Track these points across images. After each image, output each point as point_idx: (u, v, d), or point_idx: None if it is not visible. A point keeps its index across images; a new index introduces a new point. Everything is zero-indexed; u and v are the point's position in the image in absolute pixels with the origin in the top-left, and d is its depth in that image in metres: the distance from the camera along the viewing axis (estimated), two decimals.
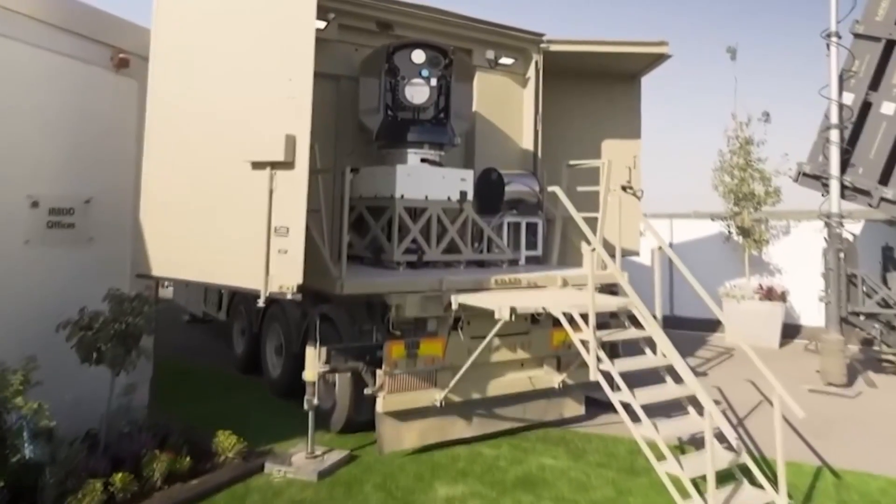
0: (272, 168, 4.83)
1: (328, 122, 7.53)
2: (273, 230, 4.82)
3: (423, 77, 7.02)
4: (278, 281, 4.79)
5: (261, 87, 5.02)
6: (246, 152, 4.87)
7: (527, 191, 7.95)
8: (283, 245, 4.79)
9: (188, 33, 5.45)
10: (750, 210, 11.48)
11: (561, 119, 9.04)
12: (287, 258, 4.78)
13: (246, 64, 5.14)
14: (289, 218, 4.78)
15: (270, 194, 4.81)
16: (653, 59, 8.77)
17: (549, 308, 5.60)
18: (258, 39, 5.14)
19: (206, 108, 5.19)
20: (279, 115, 4.85)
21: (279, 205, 4.81)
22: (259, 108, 5.01)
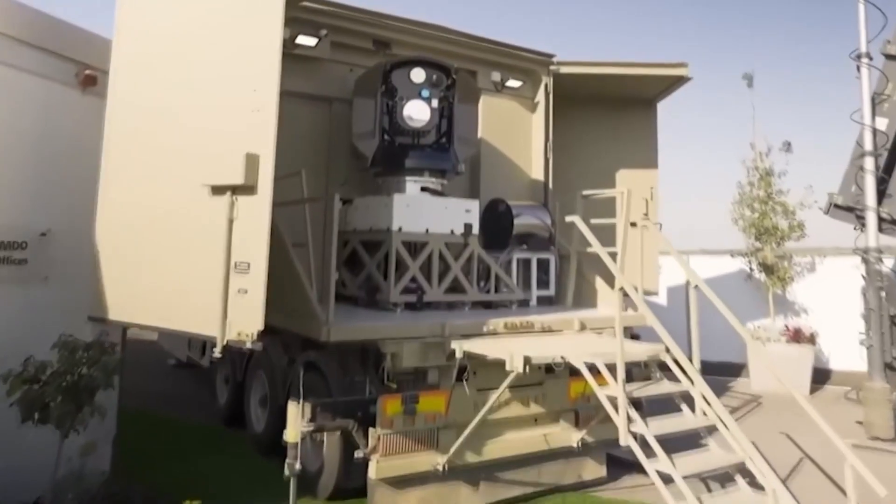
0: (233, 193, 4.12)
1: (319, 147, 6.89)
2: (232, 266, 4.09)
3: (423, 97, 6.38)
4: (236, 327, 4.05)
5: (223, 101, 4.36)
6: (203, 175, 4.19)
7: (538, 224, 7.24)
8: (242, 284, 4.06)
9: (150, 45, 4.81)
10: (772, 245, 10.74)
11: (572, 147, 8.39)
12: (247, 300, 4.04)
13: (209, 76, 4.49)
14: (250, 252, 4.05)
15: (230, 224, 4.09)
16: (671, 82, 8.16)
17: (569, 358, 4.82)
18: (223, 48, 4.50)
19: (167, 127, 4.52)
20: (241, 131, 4.18)
21: (240, 236, 4.09)
22: (220, 124, 4.33)
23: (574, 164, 8.32)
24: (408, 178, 6.44)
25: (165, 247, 4.32)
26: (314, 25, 6.53)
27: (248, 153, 4.00)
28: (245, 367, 7.34)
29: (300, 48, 6.58)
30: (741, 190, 11.23)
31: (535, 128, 8.07)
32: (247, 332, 3.99)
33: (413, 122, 6.35)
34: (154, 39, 4.79)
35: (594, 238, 5.43)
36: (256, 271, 3.99)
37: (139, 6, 4.91)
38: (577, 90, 8.19)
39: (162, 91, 4.63)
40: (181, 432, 7.77)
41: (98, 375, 4.74)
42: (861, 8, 8.33)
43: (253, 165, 4.01)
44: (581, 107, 8.48)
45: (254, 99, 4.11)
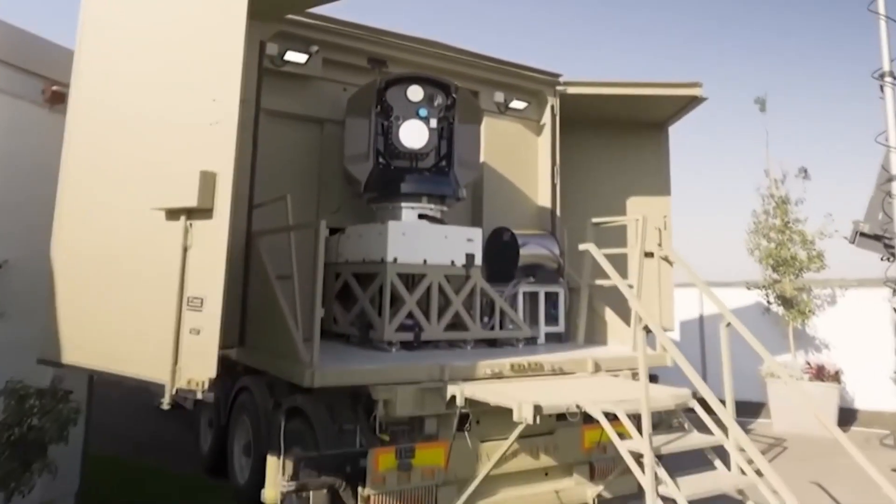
0: (188, 218, 3.57)
1: (309, 172, 6.40)
2: (185, 302, 3.53)
3: (420, 117, 5.90)
4: (187, 373, 3.48)
5: (182, 115, 3.84)
6: (156, 198, 3.65)
7: (545, 254, 6.69)
8: (196, 322, 3.49)
9: (111, 58, 4.32)
10: (791, 277, 10.17)
11: (579, 172, 7.91)
12: (199, 342, 3.47)
13: (169, 89, 3.98)
14: (204, 285, 3.49)
15: (184, 253, 3.53)
16: (684, 102, 7.69)
17: (585, 406, 4.22)
18: (183, 58, 4.01)
19: (123, 146, 4.00)
20: (196, 145, 3.67)
21: (194, 267, 3.53)
22: (177, 140, 3.82)
23: (582, 190, 7.85)
24: (404, 204, 5.92)
25: (119, 280, 3.77)
26: (304, 41, 6.09)
27: (203, 171, 3.46)
28: (229, 410, 6.73)
29: (289, 65, 6.13)
30: (756, 219, 10.70)
31: (541, 152, 7.58)
32: (198, 379, 3.40)
33: (410, 143, 5.86)
34: (114, 52, 4.31)
35: (611, 268, 4.88)
36: (211, 308, 3.42)
37: (102, 17, 4.43)
38: (585, 112, 7.74)
39: (120, 106, 4.13)
40: (158, 483, 7.10)
41: (51, 427, 4.18)
42: (882, 25, 7.90)
43: (208, 185, 3.47)
44: (589, 130, 8.03)
45: (213, 110, 3.59)
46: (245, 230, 5.57)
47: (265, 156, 5.92)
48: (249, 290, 5.51)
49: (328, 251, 6.46)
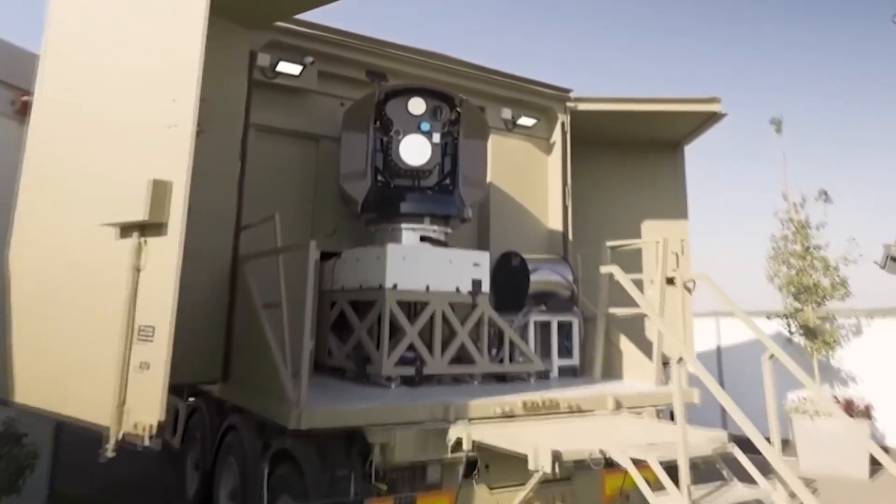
0: (141, 234, 3.08)
1: (304, 191, 5.95)
2: (135, 331, 3.02)
3: (423, 132, 5.46)
4: (135, 415, 2.95)
5: (139, 118, 3.39)
6: (105, 211, 3.17)
7: (558, 281, 6.19)
8: (145, 355, 2.99)
9: (73, 62, 3.89)
10: (813, 305, 9.62)
11: (590, 194, 7.46)
12: (148, 379, 2.96)
13: (129, 90, 3.54)
14: (155, 311, 2.98)
15: (135, 274, 3.03)
16: (702, 119, 7.27)
17: (611, 452, 3.68)
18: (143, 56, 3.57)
19: (80, 155, 3.53)
20: (150, 151, 3.22)
21: (146, 291, 3.03)
22: (132, 146, 3.35)
23: (593, 213, 7.40)
24: (404, 225, 5.45)
25: (66, 306, 3.28)
26: (298, 51, 5.69)
27: (154, 179, 2.98)
28: (216, 452, 6.17)
29: (282, 77, 5.72)
30: (775, 244, 10.19)
31: (552, 171, 7.14)
32: (144, 423, 2.88)
33: (411, 160, 5.41)
34: (75, 56, 3.88)
35: (640, 294, 4.38)
36: (160, 339, 2.91)
37: (66, 20, 4.02)
38: (597, 130, 7.33)
39: (78, 113, 3.69)
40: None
41: None
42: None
43: (161, 196, 2.99)
44: (601, 149, 7.61)
45: (172, 112, 3.13)
46: (231, 254, 5.12)
47: (255, 174, 5.51)
48: (235, 320, 5.05)
49: (323, 277, 5.99)
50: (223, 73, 5.18)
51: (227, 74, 5.20)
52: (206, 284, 4.96)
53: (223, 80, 5.17)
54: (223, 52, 5.19)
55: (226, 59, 5.20)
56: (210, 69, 5.23)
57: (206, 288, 4.96)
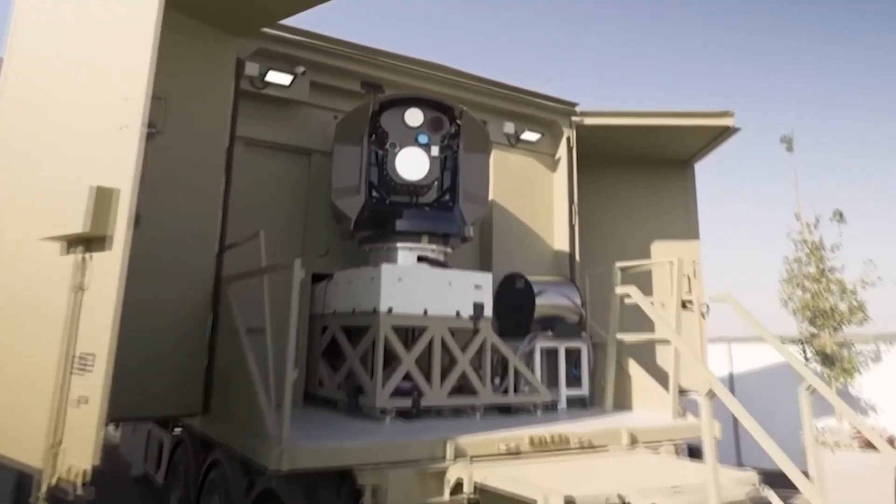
0: (85, 249, 2.69)
1: (295, 209, 5.59)
2: (73, 360, 2.60)
3: (420, 144, 5.12)
4: (70, 457, 2.52)
5: (91, 121, 3.02)
6: (46, 223, 2.79)
7: (565, 304, 5.79)
8: (83, 388, 2.56)
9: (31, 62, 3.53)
10: (830, 330, 9.19)
11: (596, 213, 7.10)
12: (84, 416, 2.52)
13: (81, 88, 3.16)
14: (95, 338, 2.57)
15: (77, 295, 2.63)
16: (714, 134, 6.92)
17: (630, 497, 3.25)
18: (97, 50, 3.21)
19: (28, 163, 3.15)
20: (97, 156, 2.84)
21: (89, 314, 2.62)
22: (78, 150, 2.97)
23: (600, 233, 7.05)
24: (400, 244, 5.07)
25: (5, 333, 2.86)
26: (289, 60, 5.37)
27: (98, 186, 2.58)
28: (199, 489, 5.72)
29: (271, 87, 5.39)
30: (789, 266, 9.79)
31: (557, 189, 6.78)
32: (78, 467, 2.45)
33: (408, 174, 5.06)
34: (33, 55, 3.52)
35: (662, 318, 3.98)
36: (100, 369, 2.48)
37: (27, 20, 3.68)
38: (604, 146, 7.00)
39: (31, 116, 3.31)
40: None
41: None
42: None
43: (104, 205, 2.58)
44: (607, 166, 7.28)
45: (123, 112, 2.75)
46: (213, 275, 4.74)
47: (242, 190, 5.16)
48: (218, 347, 4.65)
49: (314, 301, 5.61)
50: (208, 82, 4.86)
51: (213, 84, 4.87)
52: (185, 308, 4.59)
53: (208, 90, 4.85)
54: (208, 60, 4.88)
55: (211, 67, 4.88)
56: (194, 78, 4.95)
57: (185, 312, 4.59)
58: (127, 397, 4.30)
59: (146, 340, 4.39)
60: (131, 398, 4.28)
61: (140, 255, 4.43)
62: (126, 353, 4.25)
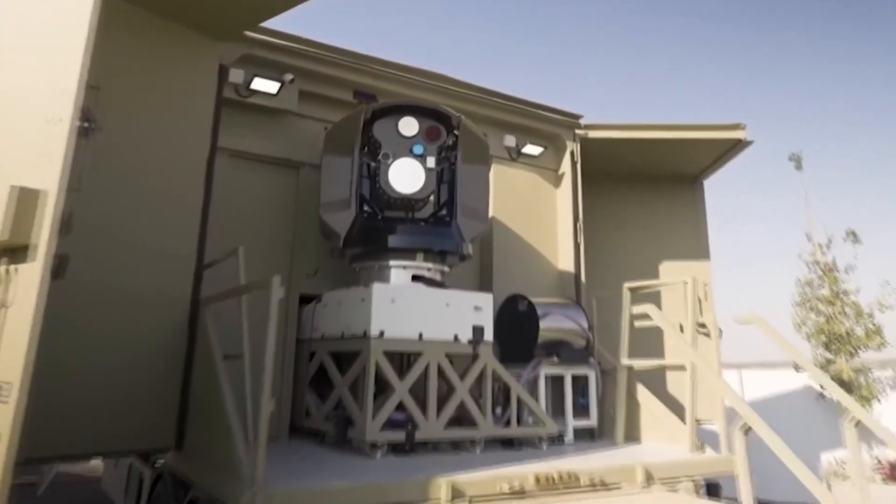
0: (9, 260, 2.30)
1: (282, 226, 5.24)
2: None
3: (415, 155, 4.77)
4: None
5: (17, 113, 2.65)
6: None
7: (571, 328, 5.39)
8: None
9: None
10: (846, 356, 8.80)
11: (601, 232, 6.73)
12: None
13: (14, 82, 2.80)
14: (11, 363, 2.17)
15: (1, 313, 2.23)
16: (725, 147, 6.59)
17: None
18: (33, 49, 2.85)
19: None
20: (20, 153, 2.46)
21: (8, 337, 2.22)
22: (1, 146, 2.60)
23: (605, 252, 6.67)
24: (393, 262, 4.69)
25: None
26: (276, 67, 5.04)
27: (20, 187, 2.20)
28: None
29: (257, 96, 5.06)
30: (801, 289, 9.43)
31: (561, 205, 6.42)
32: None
33: (402, 187, 4.70)
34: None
35: (685, 343, 3.59)
36: (13, 400, 2.07)
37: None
38: (609, 161, 6.66)
39: None
40: None
41: None
42: None
43: (28, 208, 2.19)
44: (613, 183, 6.95)
45: (55, 106, 2.38)
46: (190, 296, 4.36)
47: (224, 206, 4.80)
48: (193, 376, 4.26)
49: (302, 325, 5.21)
50: (187, 88, 4.54)
51: (192, 90, 4.55)
52: (158, 334, 4.21)
53: (187, 96, 4.52)
54: (187, 64, 4.56)
55: (190, 72, 4.56)
56: (171, 83, 4.61)
57: (159, 337, 4.21)
58: (91, 430, 3.92)
59: (113, 368, 4.01)
60: (96, 431, 3.90)
61: (108, 275, 4.11)
62: (88, 382, 3.90)
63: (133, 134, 4.22)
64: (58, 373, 3.55)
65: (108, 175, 4.03)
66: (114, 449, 4.30)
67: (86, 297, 3.87)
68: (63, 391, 3.68)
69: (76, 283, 2.85)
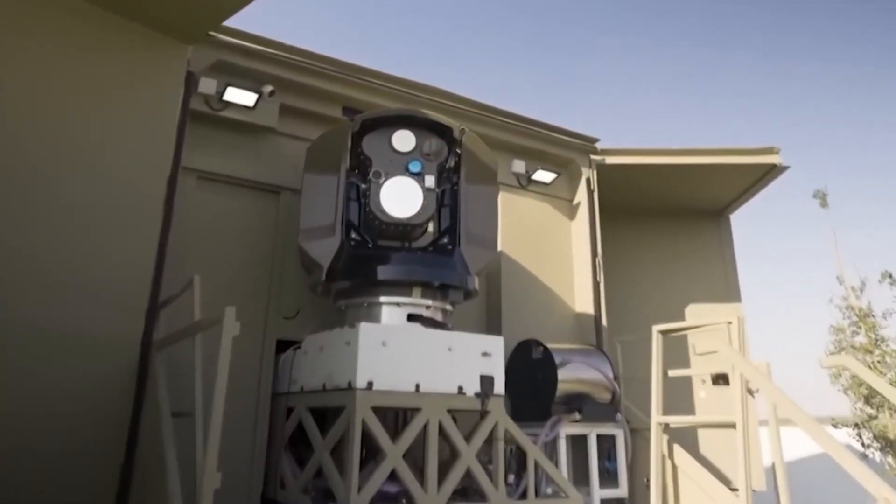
0: None
1: (259, 260, 4.53)
2: None
3: (412, 173, 4.09)
4: None
5: None
6: None
7: (595, 378, 4.62)
8: None
9: None
10: (891, 412, 7.95)
11: (617, 269, 6.01)
12: None
13: None
14: None
15: None
16: (757, 174, 5.94)
17: None
18: None
19: None
20: None
21: None
22: None
23: (623, 293, 5.96)
24: (385, 298, 3.93)
25: None
26: (254, 77, 4.42)
27: None
28: None
29: (232, 109, 4.41)
30: (836, 336, 8.65)
31: (577, 239, 5.71)
32: None
33: (396, 211, 4.00)
34: None
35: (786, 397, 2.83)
36: None
37: None
38: (628, 191, 6.01)
39: None
40: None
41: None
42: None
43: None
44: (629, 216, 6.31)
45: None
46: (140, 339, 3.63)
47: (189, 234, 4.13)
48: (140, 433, 3.50)
49: (279, 376, 4.43)
50: (146, 96, 3.90)
51: (153, 98, 3.92)
52: (101, 382, 3.48)
53: (145, 106, 3.88)
54: (147, 68, 3.94)
55: (150, 77, 3.94)
56: (126, 89, 3.97)
57: (99, 389, 3.46)
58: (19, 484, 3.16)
59: (43, 426, 3.27)
60: (23, 486, 3.14)
61: (38, 315, 3.39)
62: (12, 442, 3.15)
63: (73, 146, 3.57)
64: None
65: (32, 193, 3.38)
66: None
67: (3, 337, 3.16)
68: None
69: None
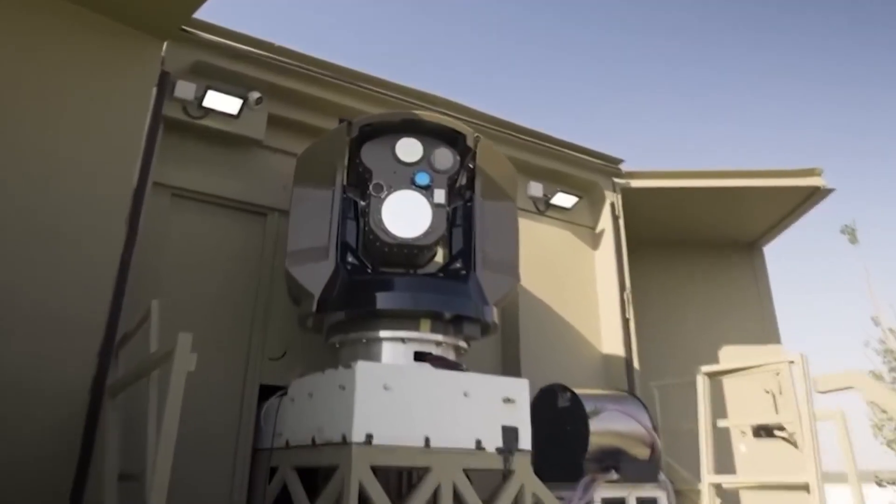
0: None
1: (240, 289, 3.89)
2: None
3: (419, 187, 3.51)
4: None
5: None
6: None
7: (632, 430, 3.93)
8: None
9: None
10: None
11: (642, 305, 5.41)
12: None
13: None
14: None
15: None
16: (798, 198, 5.39)
17: None
18: None
19: None
20: None
21: None
22: None
23: (652, 331, 5.34)
24: (387, 333, 3.28)
25: None
26: (239, 82, 3.89)
27: None
28: None
29: (213, 117, 3.86)
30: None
31: (602, 270, 5.11)
32: None
33: (400, 230, 3.41)
34: None
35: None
36: None
37: None
38: (653, 218, 5.45)
39: None
40: None
41: None
42: None
43: None
44: (654, 246, 5.73)
45: None
46: (91, 383, 3.00)
47: (159, 260, 3.54)
48: (85, 496, 2.87)
49: (261, 429, 3.76)
50: (108, 96, 3.36)
51: (116, 99, 3.38)
52: (39, 436, 2.85)
53: (106, 109, 3.34)
54: (112, 66, 3.42)
55: (116, 78, 3.40)
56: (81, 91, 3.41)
57: (39, 442, 2.85)
58: None
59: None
60: None
61: None
62: None
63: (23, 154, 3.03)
64: None
65: None
66: None
67: None
68: None
69: None
